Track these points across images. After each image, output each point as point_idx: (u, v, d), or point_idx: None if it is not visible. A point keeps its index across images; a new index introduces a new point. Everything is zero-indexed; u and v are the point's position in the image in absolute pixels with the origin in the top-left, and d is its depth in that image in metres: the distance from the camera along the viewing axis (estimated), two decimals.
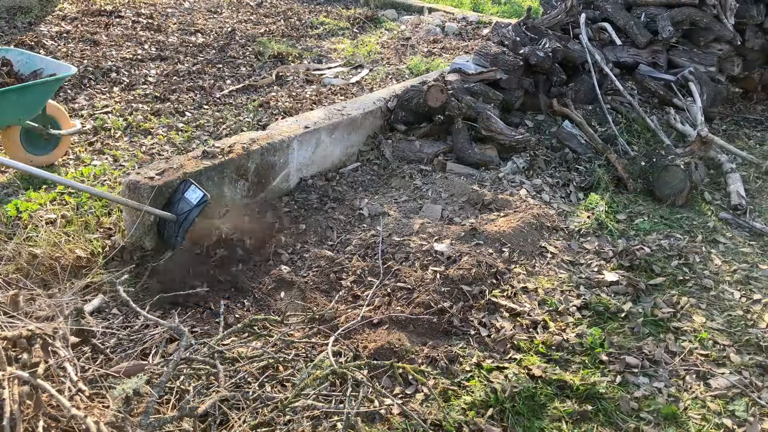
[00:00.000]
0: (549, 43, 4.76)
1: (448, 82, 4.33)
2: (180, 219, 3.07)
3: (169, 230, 3.10)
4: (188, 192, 3.11)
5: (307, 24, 7.13)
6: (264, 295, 2.86)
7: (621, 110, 4.86)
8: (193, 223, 3.02)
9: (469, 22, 7.21)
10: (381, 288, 2.89)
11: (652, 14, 5.37)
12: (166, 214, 3.06)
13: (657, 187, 3.92)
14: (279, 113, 4.65)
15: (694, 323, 2.77)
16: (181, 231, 3.04)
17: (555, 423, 2.23)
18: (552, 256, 3.23)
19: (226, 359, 2.26)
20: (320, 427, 2.03)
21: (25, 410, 1.55)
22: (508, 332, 2.64)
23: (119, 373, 1.98)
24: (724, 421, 2.27)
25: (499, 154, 4.19)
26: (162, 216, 3.06)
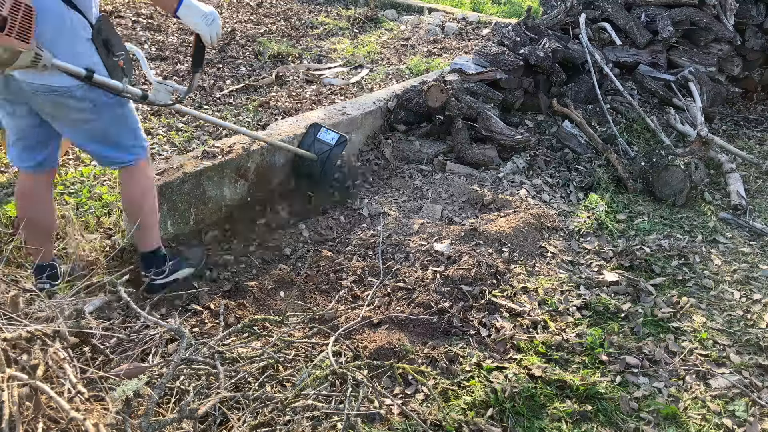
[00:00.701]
0: (549, 43, 4.76)
1: (448, 82, 4.33)
2: (322, 158, 3.40)
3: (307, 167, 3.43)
4: (321, 134, 3.44)
5: (307, 24, 7.13)
6: (264, 295, 2.86)
7: (621, 110, 4.86)
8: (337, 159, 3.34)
9: (469, 22, 7.20)
10: (381, 288, 2.89)
11: (652, 14, 5.37)
12: (308, 153, 3.38)
13: (657, 187, 3.92)
14: (279, 113, 4.65)
15: (694, 323, 2.77)
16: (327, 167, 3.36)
17: (555, 423, 2.23)
18: (552, 256, 3.23)
19: (226, 359, 2.26)
20: (320, 427, 2.03)
21: (24, 412, 1.55)
22: (508, 332, 2.65)
23: (119, 375, 1.98)
24: (724, 421, 2.27)
25: (499, 154, 4.19)
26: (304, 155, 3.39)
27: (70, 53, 2.27)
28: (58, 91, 2.30)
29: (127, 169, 2.63)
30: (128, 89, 2.45)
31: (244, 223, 3.37)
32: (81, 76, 2.28)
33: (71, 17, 2.26)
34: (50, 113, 2.41)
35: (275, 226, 3.40)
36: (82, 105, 2.38)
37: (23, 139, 2.52)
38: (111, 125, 2.51)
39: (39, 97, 2.33)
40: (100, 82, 2.34)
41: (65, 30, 2.25)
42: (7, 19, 2.04)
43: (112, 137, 2.53)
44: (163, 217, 3.07)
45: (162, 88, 2.62)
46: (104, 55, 2.36)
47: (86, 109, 2.40)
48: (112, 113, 2.48)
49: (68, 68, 2.26)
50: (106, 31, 2.36)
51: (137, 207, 2.67)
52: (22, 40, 2.08)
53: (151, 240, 2.77)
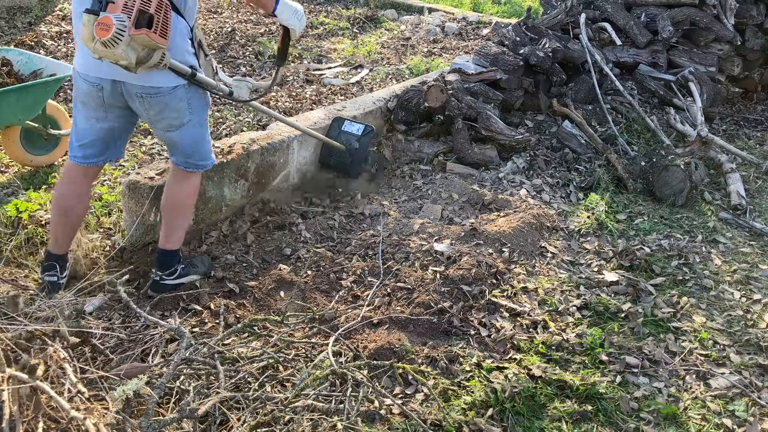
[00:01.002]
0: (549, 43, 4.76)
1: (448, 82, 4.33)
2: (350, 149, 3.51)
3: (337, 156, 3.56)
4: (346, 126, 3.55)
5: (307, 24, 7.13)
6: (264, 295, 2.86)
7: (621, 110, 4.86)
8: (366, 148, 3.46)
9: (469, 22, 7.20)
10: (381, 288, 2.89)
11: (652, 14, 5.36)
12: (337, 143, 3.51)
13: (657, 187, 3.92)
14: (279, 113, 4.65)
15: (694, 323, 2.77)
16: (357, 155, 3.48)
17: (555, 423, 2.23)
18: (552, 256, 3.23)
19: (226, 359, 2.26)
20: (320, 427, 2.02)
21: (24, 412, 1.55)
22: (508, 332, 2.65)
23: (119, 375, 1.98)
24: (724, 421, 2.27)
25: (499, 154, 4.19)
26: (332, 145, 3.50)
27: (179, 54, 2.42)
28: (161, 92, 2.43)
29: (188, 172, 2.73)
30: (219, 86, 2.63)
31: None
32: (187, 75, 2.44)
33: (179, 21, 2.40)
34: (154, 117, 2.52)
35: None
36: (182, 105, 2.51)
37: (99, 140, 2.61)
38: (200, 129, 2.65)
39: (145, 100, 2.45)
40: (201, 80, 2.50)
41: (176, 34, 2.39)
42: (154, 17, 2.15)
43: (198, 141, 2.67)
44: None
45: (243, 85, 2.78)
46: (199, 56, 2.55)
47: (184, 111, 2.53)
48: (201, 117, 2.64)
49: (180, 67, 2.40)
50: (198, 34, 2.56)
51: (180, 207, 2.76)
52: (163, 37, 2.21)
53: (176, 241, 2.82)
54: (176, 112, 2.51)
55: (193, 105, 2.56)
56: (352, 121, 3.55)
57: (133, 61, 2.19)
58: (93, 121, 2.56)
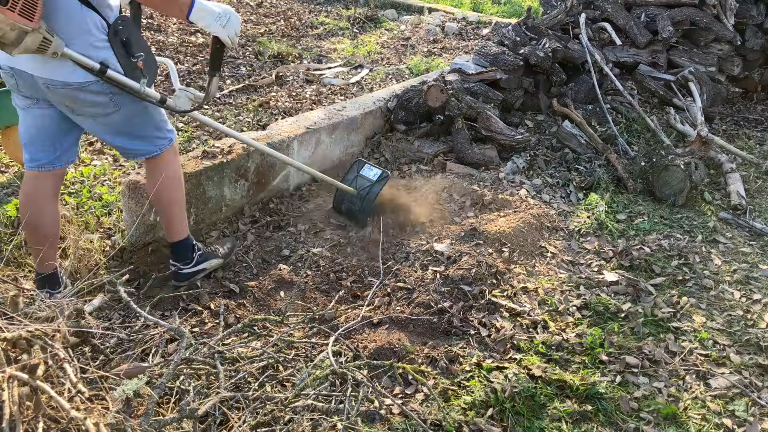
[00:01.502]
0: (549, 43, 4.76)
1: (448, 82, 4.33)
2: (362, 194, 3.39)
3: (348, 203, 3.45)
4: (364, 170, 3.47)
5: (307, 24, 7.13)
6: (264, 295, 2.86)
7: (621, 110, 4.86)
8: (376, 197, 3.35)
9: (469, 22, 7.20)
10: (381, 288, 2.89)
11: (652, 14, 5.37)
12: (348, 188, 3.40)
13: (657, 187, 3.92)
14: (279, 113, 4.65)
15: (694, 323, 2.77)
16: (366, 204, 3.37)
17: (555, 423, 2.23)
18: (552, 256, 3.23)
19: (226, 359, 2.26)
20: (320, 427, 2.02)
21: (24, 412, 1.55)
22: (508, 332, 2.65)
23: (119, 375, 1.98)
24: (724, 421, 2.27)
25: (499, 154, 4.19)
26: (344, 189, 3.40)
27: (84, 49, 2.25)
28: (72, 86, 2.29)
29: (150, 161, 2.63)
30: (146, 91, 2.43)
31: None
32: (95, 70, 2.27)
33: (84, 14, 2.25)
34: (69, 108, 2.40)
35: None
36: (100, 99, 2.37)
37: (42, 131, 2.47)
38: (132, 117, 2.50)
39: (55, 93, 2.32)
40: (114, 78, 2.32)
41: (80, 27, 2.25)
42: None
43: (135, 130, 2.53)
44: None
45: (183, 94, 2.60)
46: (121, 55, 2.35)
47: (105, 103, 2.39)
48: (132, 106, 2.47)
49: (80, 59, 2.24)
50: (125, 32, 2.35)
51: (161, 199, 2.68)
52: (25, 17, 2.06)
53: (177, 231, 2.77)
54: (94, 106, 2.38)
55: (118, 99, 2.40)
56: (371, 166, 3.47)
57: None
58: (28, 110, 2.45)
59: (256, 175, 3.50)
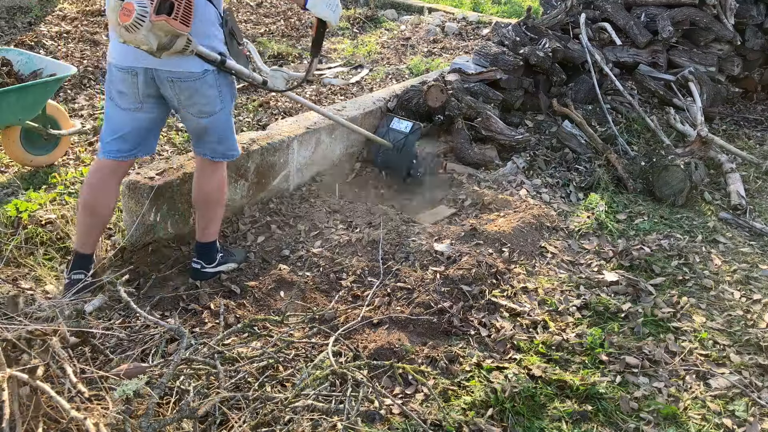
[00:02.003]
0: (549, 43, 4.76)
1: (448, 82, 4.33)
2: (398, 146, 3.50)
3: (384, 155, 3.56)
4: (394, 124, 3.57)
5: (307, 24, 7.13)
6: (264, 295, 2.86)
7: (621, 110, 4.86)
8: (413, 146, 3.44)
9: (469, 22, 7.20)
10: (381, 288, 2.89)
11: (652, 14, 5.37)
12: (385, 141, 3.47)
13: (657, 187, 3.92)
14: (279, 113, 4.65)
15: (694, 323, 2.77)
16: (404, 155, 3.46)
17: (555, 423, 2.23)
18: (552, 256, 3.23)
19: (226, 359, 2.26)
20: (320, 427, 2.02)
21: (24, 412, 1.55)
22: (508, 332, 2.64)
23: (119, 375, 1.98)
24: (724, 421, 2.27)
25: (499, 154, 4.19)
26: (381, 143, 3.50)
27: (207, 41, 2.46)
28: (191, 77, 2.47)
29: (215, 163, 2.76)
30: (252, 75, 2.66)
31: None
32: (216, 61, 2.47)
33: (209, 9, 2.45)
34: (184, 102, 2.54)
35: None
36: (212, 92, 2.55)
37: (135, 131, 2.62)
38: (229, 118, 2.71)
39: (175, 86, 2.48)
40: (230, 67, 2.54)
41: (205, 20, 2.44)
42: (174, 4, 2.20)
43: (227, 131, 2.72)
44: (163, 217, 3.07)
45: (279, 75, 2.79)
46: (230, 43, 2.57)
47: (215, 98, 2.57)
48: (230, 106, 2.69)
49: (207, 53, 2.44)
50: (231, 22, 2.57)
51: (212, 199, 2.81)
52: (184, 24, 2.25)
53: (211, 233, 2.88)
54: (206, 98, 2.55)
55: (224, 93, 2.61)
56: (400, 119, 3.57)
57: (154, 47, 2.24)
58: (131, 111, 2.58)
59: (256, 175, 3.50)
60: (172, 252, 3.08)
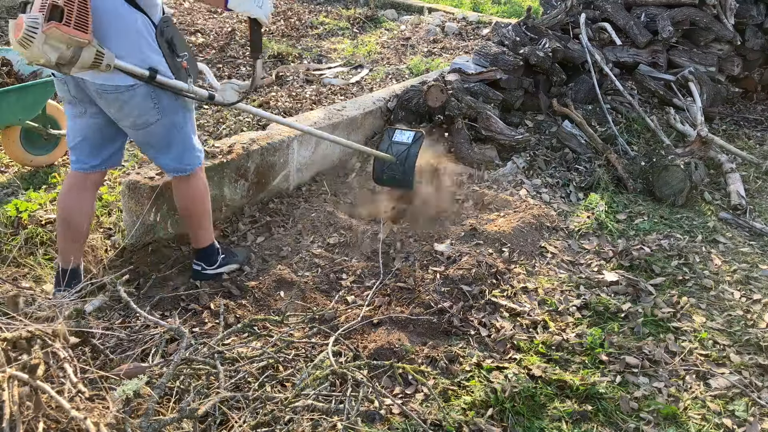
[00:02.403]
0: (549, 43, 4.76)
1: (448, 82, 4.33)
2: (401, 158, 3.35)
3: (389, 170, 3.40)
4: (396, 136, 3.43)
5: (307, 24, 7.13)
6: (264, 295, 2.85)
7: (621, 110, 4.86)
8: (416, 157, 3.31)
9: (469, 22, 7.21)
10: (381, 288, 2.89)
11: (652, 14, 5.36)
12: (386, 155, 3.38)
13: (657, 187, 3.92)
14: (279, 113, 4.65)
15: (694, 323, 2.77)
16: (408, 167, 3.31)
17: (555, 423, 2.23)
18: (552, 256, 3.23)
19: (226, 359, 2.26)
20: (320, 427, 2.02)
21: (24, 412, 1.55)
22: (508, 332, 2.64)
23: (119, 375, 1.98)
24: (724, 421, 2.27)
25: (499, 154, 4.19)
26: (382, 157, 3.37)
27: (134, 53, 2.28)
28: (120, 89, 2.32)
29: (179, 177, 2.67)
30: (194, 90, 2.45)
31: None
32: (144, 77, 2.29)
33: (135, 17, 2.28)
34: (115, 114, 2.43)
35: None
36: (146, 104, 2.38)
37: (88, 139, 2.54)
38: (171, 130, 2.52)
39: (104, 98, 2.36)
40: (163, 83, 2.34)
41: (129, 30, 2.27)
42: (64, 10, 2.05)
43: (172, 144, 2.55)
44: (164, 217, 3.07)
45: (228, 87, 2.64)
46: (168, 55, 2.37)
47: (149, 110, 2.40)
48: (173, 118, 2.49)
49: (130, 69, 2.26)
50: (169, 31, 2.39)
51: (190, 213, 2.76)
52: (80, 30, 2.09)
53: (203, 239, 2.84)
54: (139, 110, 2.40)
55: (163, 105, 2.43)
56: (402, 130, 3.44)
57: (53, 60, 2.08)
58: (77, 119, 2.52)
59: (256, 175, 3.50)
60: (172, 252, 3.09)
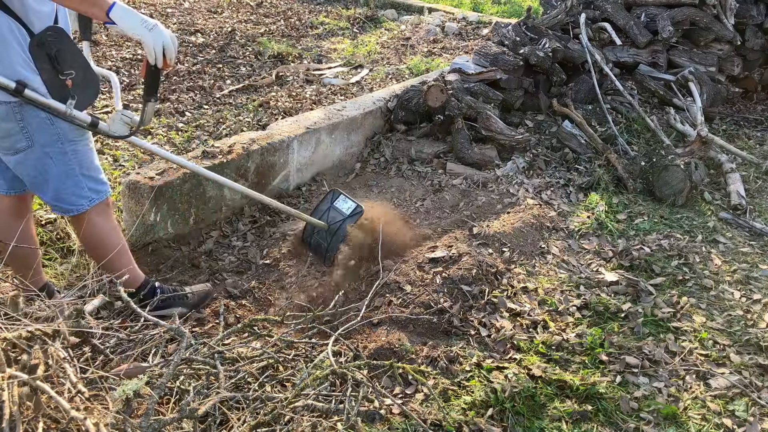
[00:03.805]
0: (549, 43, 4.76)
1: (448, 82, 4.33)
2: (332, 228, 3.07)
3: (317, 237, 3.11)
4: (338, 202, 3.14)
5: (307, 24, 7.13)
6: (264, 295, 2.85)
7: (621, 110, 4.86)
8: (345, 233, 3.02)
9: (469, 22, 7.21)
10: (381, 288, 2.89)
11: (652, 14, 5.37)
12: (319, 222, 3.06)
13: (657, 187, 3.91)
14: (279, 113, 4.65)
15: (694, 323, 2.77)
16: (334, 241, 3.03)
17: (555, 423, 2.23)
18: (552, 256, 3.23)
19: (226, 359, 2.26)
20: (320, 427, 2.02)
21: (24, 412, 1.55)
22: (508, 332, 2.64)
23: (119, 375, 1.98)
24: (724, 421, 2.27)
25: (499, 154, 4.19)
26: (315, 224, 3.06)
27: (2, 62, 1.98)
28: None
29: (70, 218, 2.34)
30: (73, 113, 2.08)
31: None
32: (10, 89, 1.97)
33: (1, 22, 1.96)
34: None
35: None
36: (7, 126, 2.06)
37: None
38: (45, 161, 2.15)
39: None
40: (32, 99, 2.01)
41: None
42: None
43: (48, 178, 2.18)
44: (164, 217, 3.07)
45: (118, 117, 2.26)
46: (47, 71, 2.03)
47: (15, 133, 2.08)
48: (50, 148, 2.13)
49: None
50: (55, 44, 2.02)
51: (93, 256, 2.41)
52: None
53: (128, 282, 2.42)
54: (5, 135, 2.09)
55: (32, 131, 2.09)
56: (347, 198, 3.14)
57: None
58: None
59: (256, 175, 3.50)
60: (172, 252, 3.09)
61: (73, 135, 2.18)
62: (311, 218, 3.09)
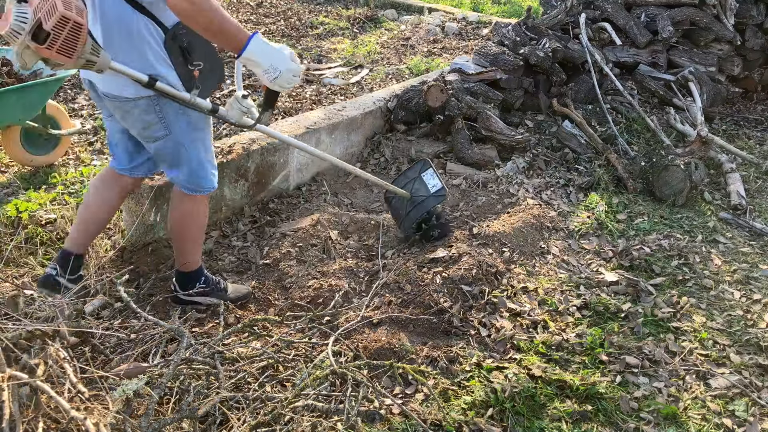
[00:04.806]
0: (549, 43, 4.76)
1: (448, 82, 4.33)
2: (415, 200, 3.09)
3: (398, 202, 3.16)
4: (426, 175, 3.15)
5: (307, 24, 7.13)
6: (264, 295, 2.85)
7: (621, 110, 4.86)
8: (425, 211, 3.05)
9: (469, 22, 7.21)
10: (381, 288, 2.89)
11: (652, 14, 5.36)
12: (402, 191, 3.16)
13: (657, 187, 3.91)
14: (279, 113, 4.65)
15: (694, 323, 2.77)
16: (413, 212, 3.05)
17: (555, 423, 2.23)
18: (552, 256, 3.23)
19: (226, 359, 2.26)
20: (320, 427, 2.02)
21: (24, 412, 1.55)
22: (508, 332, 2.64)
23: (119, 375, 1.98)
24: (724, 421, 2.27)
25: (499, 154, 4.19)
26: (399, 193, 3.16)
27: (137, 60, 2.18)
28: (119, 99, 2.26)
29: (182, 194, 2.55)
30: (196, 101, 2.29)
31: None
32: (143, 82, 2.17)
33: (138, 21, 2.15)
34: (121, 121, 2.41)
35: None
36: (148, 118, 2.29)
37: (118, 143, 2.56)
38: (178, 148, 2.40)
39: (110, 102, 2.31)
40: (162, 90, 2.21)
41: (132, 35, 2.17)
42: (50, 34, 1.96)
43: (182, 162, 2.43)
44: (163, 217, 3.07)
45: (236, 105, 2.39)
46: (179, 62, 2.24)
47: (153, 124, 2.31)
48: (188, 137, 2.38)
49: (127, 72, 2.15)
50: (185, 37, 2.22)
51: (176, 231, 2.63)
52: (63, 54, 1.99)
53: (185, 264, 2.67)
54: (143, 123, 2.32)
55: (169, 120, 2.32)
56: (435, 174, 3.12)
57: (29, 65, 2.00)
58: (107, 119, 2.54)
59: (256, 175, 3.50)
60: (172, 252, 3.08)
61: (201, 124, 2.41)
62: (394, 187, 3.16)
